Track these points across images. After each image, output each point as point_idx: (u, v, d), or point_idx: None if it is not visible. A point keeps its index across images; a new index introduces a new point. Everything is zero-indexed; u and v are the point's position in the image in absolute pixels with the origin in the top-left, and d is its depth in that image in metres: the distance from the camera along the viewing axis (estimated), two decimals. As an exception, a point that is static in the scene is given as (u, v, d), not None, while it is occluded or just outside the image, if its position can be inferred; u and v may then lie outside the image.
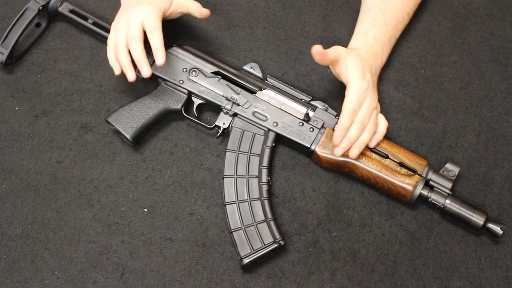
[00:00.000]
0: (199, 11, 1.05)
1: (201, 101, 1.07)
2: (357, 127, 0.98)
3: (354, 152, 0.99)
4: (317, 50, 0.94)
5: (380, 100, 1.12)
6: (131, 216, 1.04)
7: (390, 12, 1.06)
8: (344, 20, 1.17)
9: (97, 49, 1.17)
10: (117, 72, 1.03)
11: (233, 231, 0.99)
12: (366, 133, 0.99)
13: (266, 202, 1.01)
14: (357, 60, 0.98)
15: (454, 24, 1.19)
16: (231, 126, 1.05)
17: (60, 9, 1.14)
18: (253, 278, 1.00)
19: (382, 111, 1.11)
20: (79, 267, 1.01)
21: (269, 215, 1.00)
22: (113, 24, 1.04)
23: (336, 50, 0.97)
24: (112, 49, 1.02)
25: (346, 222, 1.04)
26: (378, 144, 1.01)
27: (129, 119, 1.05)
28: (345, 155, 1.00)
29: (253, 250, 0.98)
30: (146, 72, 1.00)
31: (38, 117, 1.11)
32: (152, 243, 1.02)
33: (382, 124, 1.01)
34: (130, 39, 0.99)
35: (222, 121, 1.06)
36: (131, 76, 1.01)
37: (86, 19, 1.13)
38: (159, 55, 0.99)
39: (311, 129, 1.04)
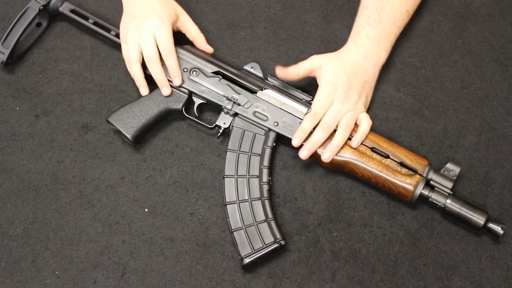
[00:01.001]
0: (205, 48, 1.10)
1: (202, 101, 1.07)
2: (320, 130, 1.00)
3: (326, 155, 1.00)
4: (279, 73, 1.03)
5: (381, 100, 1.12)
6: (132, 216, 1.04)
7: (386, 10, 1.06)
8: (345, 20, 1.17)
9: (97, 49, 1.17)
10: (145, 93, 1.07)
11: (234, 231, 0.99)
12: (338, 136, 1.00)
13: (266, 202, 1.01)
14: (330, 66, 1.01)
15: (455, 24, 1.19)
16: (232, 126, 1.05)
17: (61, 9, 1.14)
18: (253, 278, 1.00)
19: (383, 111, 1.11)
20: (80, 267, 1.01)
21: (270, 215, 1.00)
22: (121, 34, 1.06)
23: (309, 63, 1.02)
24: None
25: (347, 222, 1.04)
26: (360, 144, 1.01)
27: (130, 119, 1.05)
28: (343, 155, 1.00)
29: (254, 250, 0.98)
30: (166, 91, 1.05)
31: (39, 117, 1.11)
32: (152, 243, 1.02)
33: (365, 123, 1.02)
34: (148, 60, 1.04)
35: (223, 121, 1.06)
36: (144, 91, 1.06)
37: (87, 19, 1.13)
38: (176, 77, 1.05)
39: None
